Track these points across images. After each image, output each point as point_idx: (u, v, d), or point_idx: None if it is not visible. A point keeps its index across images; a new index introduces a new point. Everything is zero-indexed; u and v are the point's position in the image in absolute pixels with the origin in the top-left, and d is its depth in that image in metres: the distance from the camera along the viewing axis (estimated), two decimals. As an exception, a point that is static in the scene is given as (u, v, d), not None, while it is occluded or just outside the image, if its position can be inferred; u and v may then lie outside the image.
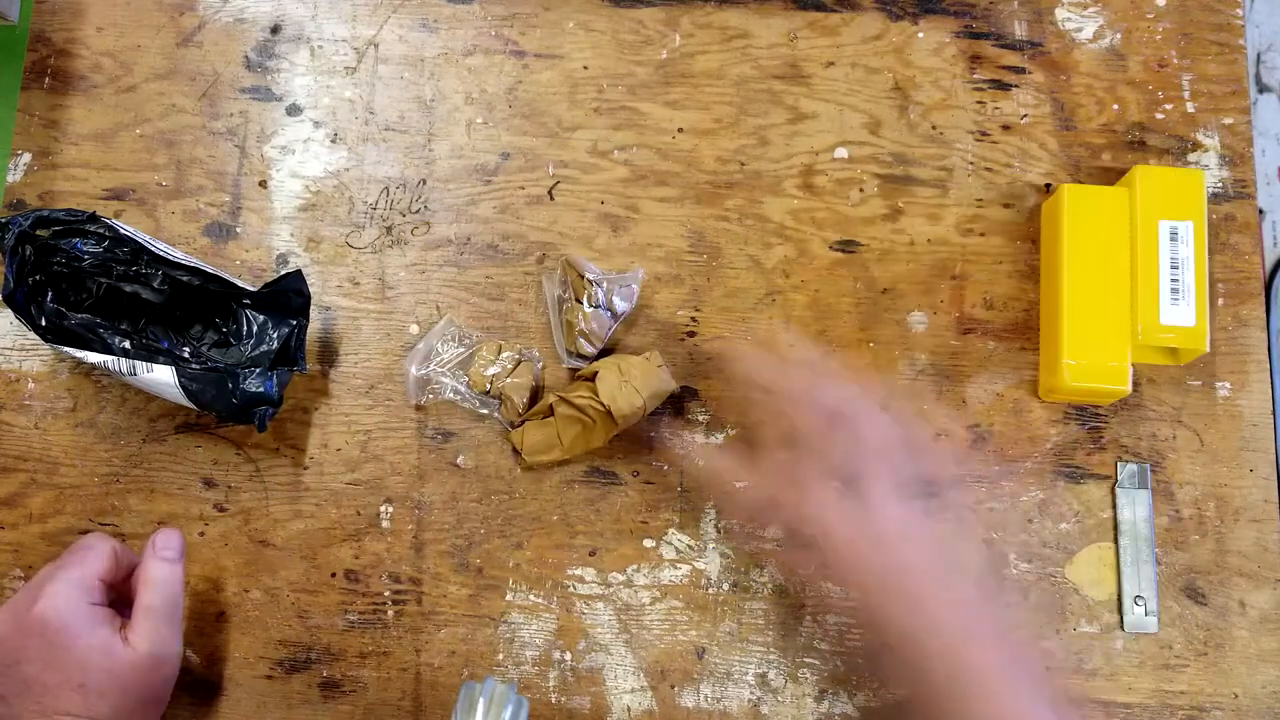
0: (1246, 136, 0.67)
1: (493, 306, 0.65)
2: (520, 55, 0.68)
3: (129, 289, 0.61)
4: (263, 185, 0.67)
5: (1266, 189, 0.72)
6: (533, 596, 0.62)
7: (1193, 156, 0.67)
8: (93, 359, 0.58)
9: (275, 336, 0.62)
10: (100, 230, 0.60)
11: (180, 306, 0.63)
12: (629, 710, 0.61)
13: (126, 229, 0.60)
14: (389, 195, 0.67)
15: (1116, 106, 0.67)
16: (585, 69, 0.68)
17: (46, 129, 0.68)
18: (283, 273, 0.62)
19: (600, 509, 0.63)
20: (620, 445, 0.63)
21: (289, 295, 0.61)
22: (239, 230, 0.66)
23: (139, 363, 0.58)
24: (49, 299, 0.59)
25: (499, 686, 0.49)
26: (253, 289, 0.61)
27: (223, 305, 0.63)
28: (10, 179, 0.67)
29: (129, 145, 0.67)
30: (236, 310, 0.63)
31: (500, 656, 0.61)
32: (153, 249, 0.60)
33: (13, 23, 0.68)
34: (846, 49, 0.68)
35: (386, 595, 0.62)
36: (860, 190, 0.67)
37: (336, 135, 0.68)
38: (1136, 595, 0.61)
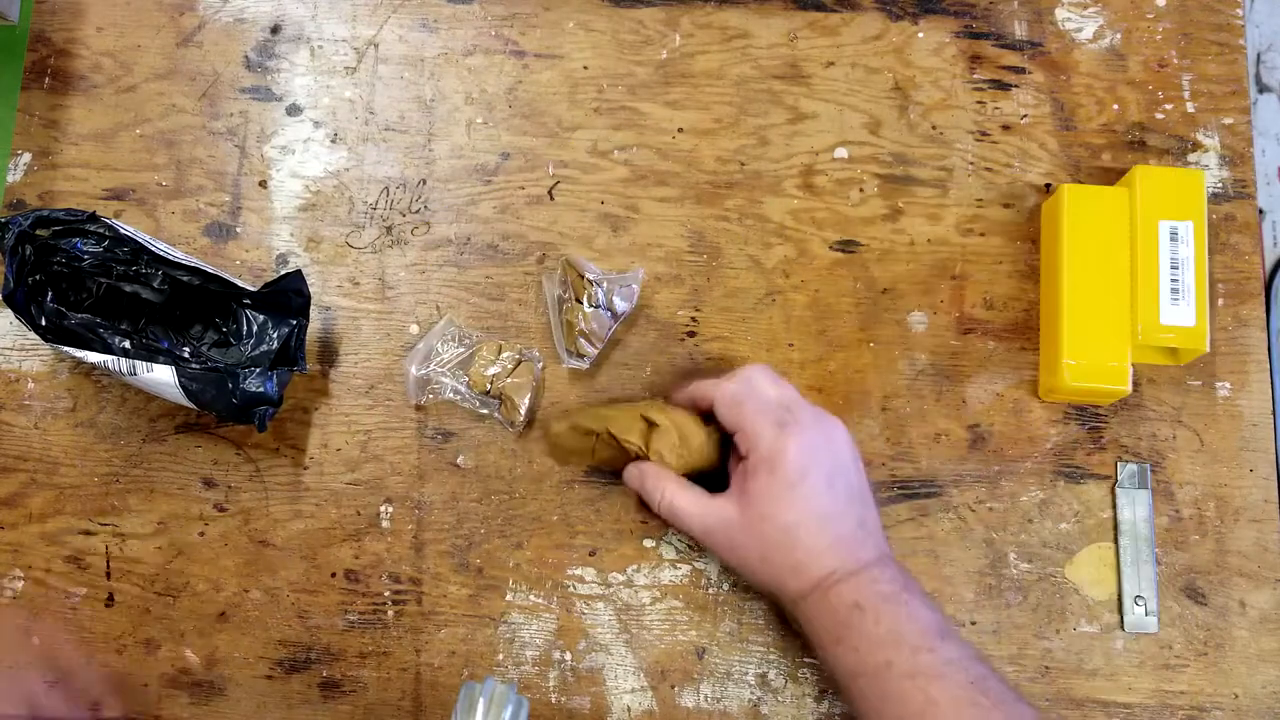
0: (1246, 136, 0.67)
1: (493, 306, 0.65)
2: (520, 55, 0.68)
3: (129, 289, 0.61)
4: (263, 185, 0.67)
5: (1266, 189, 0.72)
6: (533, 596, 0.62)
7: (1193, 156, 0.67)
8: (93, 359, 0.58)
9: (275, 336, 0.62)
10: (100, 230, 0.60)
11: (180, 306, 0.63)
12: (629, 710, 0.61)
13: (126, 229, 0.60)
14: (389, 195, 0.67)
15: (1116, 106, 0.67)
16: (585, 69, 0.68)
17: (46, 129, 0.68)
18: (283, 273, 0.62)
19: (600, 509, 0.63)
20: (620, 445, 0.63)
21: (289, 295, 0.61)
22: (239, 230, 0.66)
23: (139, 363, 0.58)
24: (49, 299, 0.59)
25: (499, 686, 0.49)
26: (253, 289, 0.61)
27: (223, 305, 0.63)
28: (10, 179, 0.67)
29: (129, 145, 0.67)
30: (236, 310, 0.63)
31: (500, 656, 0.61)
32: (153, 249, 0.60)
33: (13, 23, 0.68)
34: (846, 49, 0.68)
35: (386, 595, 0.62)
36: (860, 190, 0.67)
37: (336, 135, 0.68)
38: (1136, 595, 0.61)
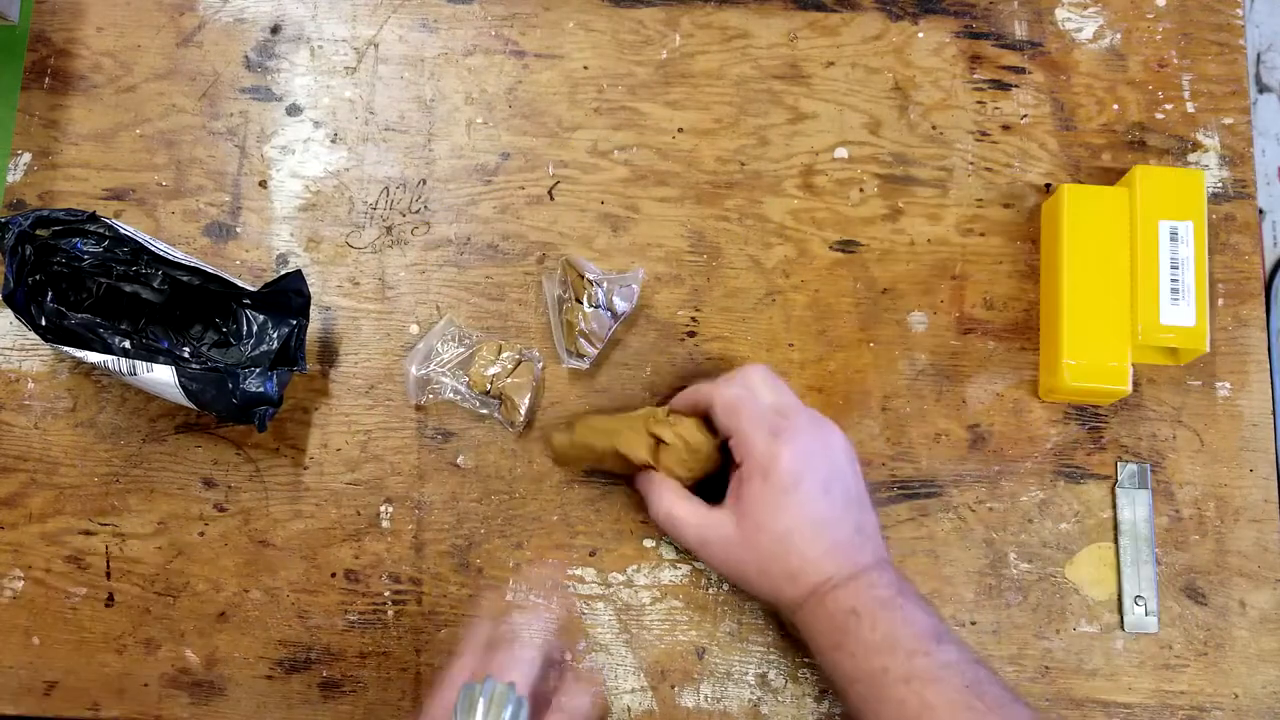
0: (1246, 136, 0.67)
1: (493, 306, 0.65)
2: (520, 55, 0.68)
3: (129, 289, 0.61)
4: (263, 185, 0.67)
5: (1266, 189, 0.72)
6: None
7: (1193, 156, 0.67)
8: (93, 359, 0.58)
9: (275, 336, 0.62)
10: (100, 230, 0.60)
11: (180, 306, 0.63)
12: (629, 710, 0.61)
13: (126, 229, 0.60)
14: (389, 195, 0.67)
15: (1116, 106, 0.67)
16: (585, 69, 0.68)
17: (46, 129, 0.68)
18: (283, 273, 0.62)
19: (600, 509, 0.63)
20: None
21: (289, 295, 0.61)
22: (239, 230, 0.66)
23: (139, 363, 0.58)
24: (49, 299, 0.59)
25: (499, 686, 0.49)
26: (253, 289, 0.61)
27: (223, 305, 0.63)
28: (10, 179, 0.67)
29: (129, 145, 0.67)
30: (236, 310, 0.63)
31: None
32: (153, 249, 0.60)
33: (13, 23, 0.68)
34: (846, 49, 0.68)
35: (386, 595, 0.62)
36: (860, 190, 0.67)
37: (336, 135, 0.68)
38: (1136, 595, 0.61)
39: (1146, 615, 0.61)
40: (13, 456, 0.64)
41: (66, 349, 0.59)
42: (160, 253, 0.60)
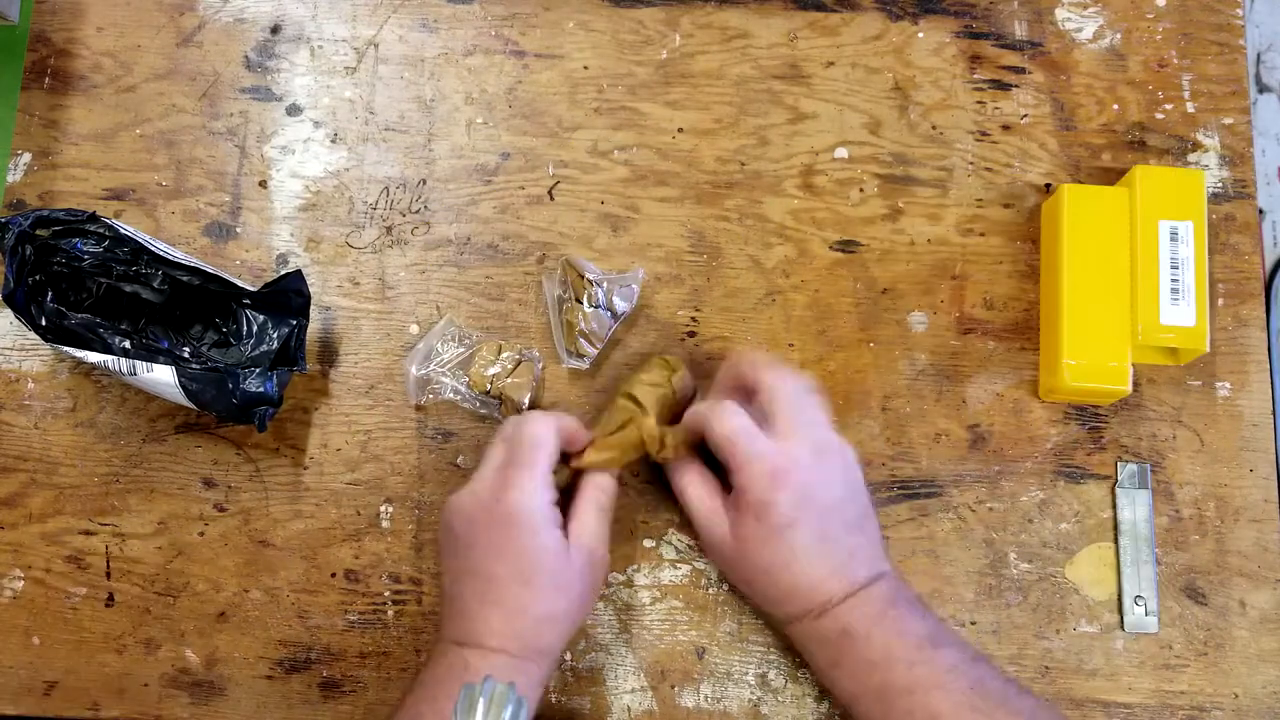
0: (1246, 136, 0.67)
1: (493, 306, 0.65)
2: (520, 55, 0.68)
3: (129, 289, 0.61)
4: (263, 185, 0.67)
5: (1266, 189, 0.72)
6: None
7: (1193, 156, 0.67)
8: (93, 359, 0.58)
9: (275, 336, 0.62)
10: (100, 230, 0.60)
11: (180, 306, 0.63)
12: (629, 710, 0.61)
13: (126, 229, 0.60)
14: (389, 195, 0.67)
15: (1116, 106, 0.67)
16: (585, 69, 0.68)
17: (46, 129, 0.68)
18: (283, 273, 0.62)
19: (600, 509, 0.63)
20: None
21: (289, 295, 0.61)
22: (239, 230, 0.66)
23: (139, 363, 0.58)
24: (49, 299, 0.59)
25: (499, 686, 0.49)
26: (253, 289, 0.61)
27: (223, 305, 0.63)
28: (10, 179, 0.67)
29: (129, 145, 0.67)
30: (236, 310, 0.63)
31: (500, 656, 0.61)
32: (153, 249, 0.60)
33: (13, 23, 0.68)
34: (846, 49, 0.68)
35: (386, 595, 0.62)
36: (860, 190, 0.67)
37: (336, 135, 0.68)
38: (1136, 595, 0.61)
39: (1146, 615, 0.61)
40: (13, 456, 0.64)
41: (66, 349, 0.59)
42: (160, 253, 0.60)
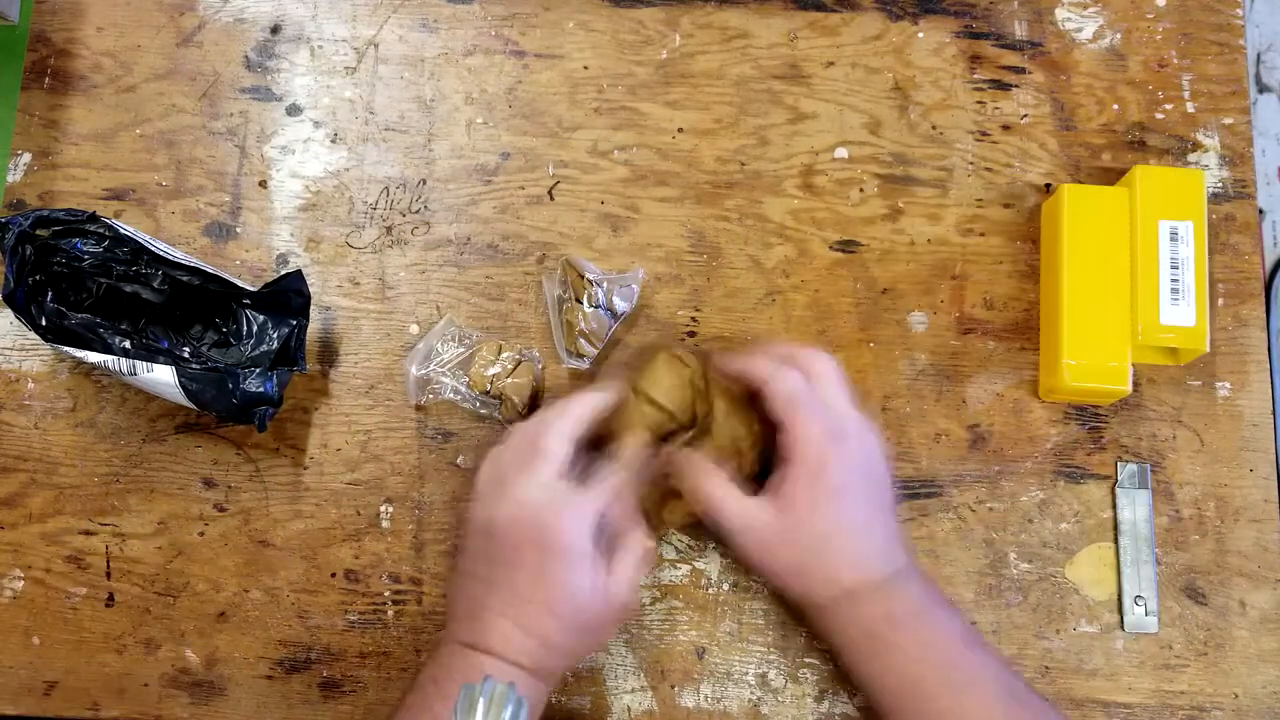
0: (1246, 136, 0.67)
1: (493, 306, 0.65)
2: (520, 55, 0.68)
3: (129, 289, 0.61)
4: (263, 185, 0.67)
5: (1266, 189, 0.72)
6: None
7: (1193, 156, 0.67)
8: (93, 359, 0.58)
9: (275, 336, 0.62)
10: (100, 230, 0.60)
11: (180, 306, 0.63)
12: (629, 710, 0.61)
13: (126, 229, 0.60)
14: (389, 195, 0.67)
15: (1116, 106, 0.67)
16: (585, 69, 0.68)
17: (46, 129, 0.68)
18: (283, 273, 0.62)
19: (600, 509, 0.63)
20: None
21: (289, 295, 0.61)
22: (239, 230, 0.66)
23: (139, 363, 0.58)
24: (49, 299, 0.59)
25: (499, 686, 0.48)
26: (253, 289, 0.61)
27: (223, 305, 0.63)
28: (10, 179, 0.67)
29: (129, 145, 0.67)
30: (236, 310, 0.63)
31: (500, 656, 0.61)
32: (153, 249, 0.60)
33: (13, 23, 0.68)
34: (846, 49, 0.68)
35: (386, 595, 0.62)
36: (860, 190, 0.67)
37: (336, 135, 0.68)
38: (1136, 595, 0.61)
39: (1146, 615, 0.61)
40: (13, 456, 0.64)
41: (66, 349, 0.59)
42: (160, 253, 0.60)
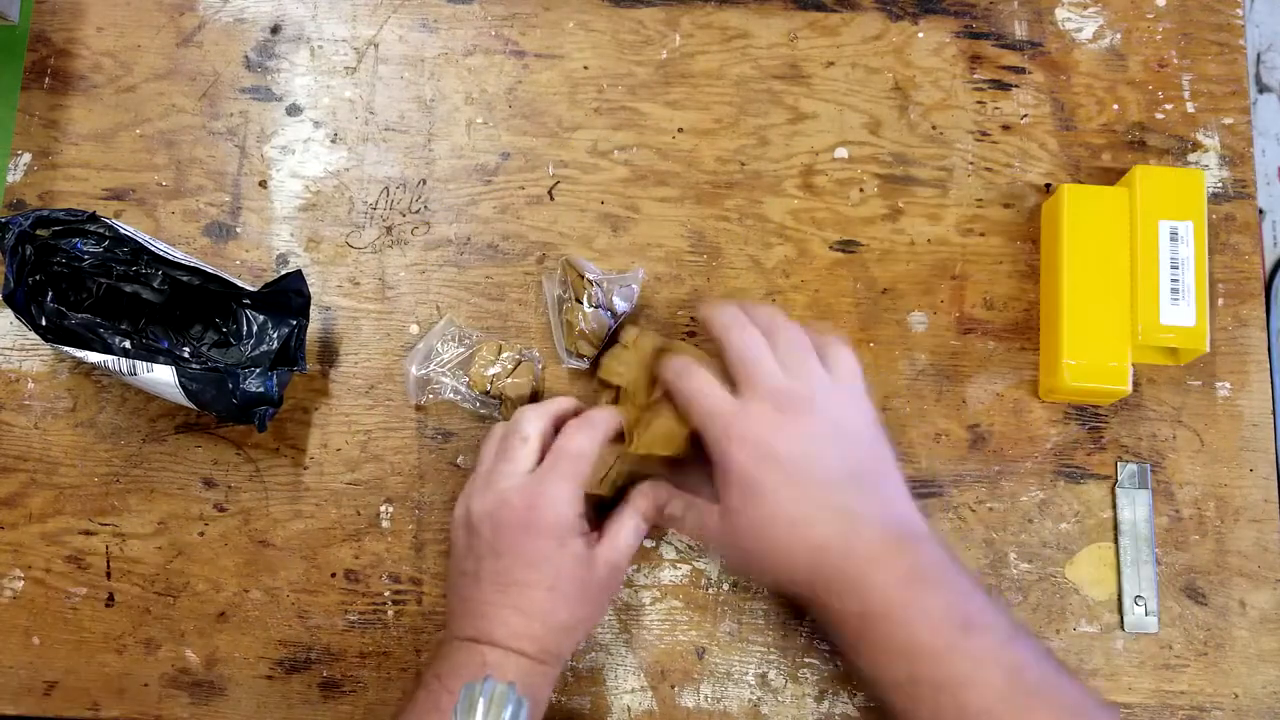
0: (1246, 136, 0.67)
1: (493, 306, 0.65)
2: (520, 55, 0.68)
3: (129, 289, 0.61)
4: (263, 185, 0.67)
5: (1266, 189, 0.72)
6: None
7: (1193, 156, 0.67)
8: (93, 359, 0.58)
9: (275, 336, 0.62)
10: (100, 230, 0.60)
11: (180, 306, 0.63)
12: (629, 710, 0.61)
13: (126, 229, 0.60)
14: (389, 195, 0.67)
15: (1116, 106, 0.67)
16: (585, 69, 0.68)
17: (46, 129, 0.68)
18: (283, 273, 0.62)
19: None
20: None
21: (289, 295, 0.61)
22: (239, 230, 0.66)
23: (139, 363, 0.58)
24: (49, 299, 0.59)
25: (499, 686, 0.49)
26: (253, 289, 0.61)
27: (223, 305, 0.63)
28: (10, 179, 0.67)
29: (129, 145, 0.67)
30: (236, 310, 0.63)
31: (500, 656, 0.61)
32: (153, 249, 0.60)
33: (13, 23, 0.68)
34: (846, 49, 0.68)
35: (386, 595, 0.62)
36: (860, 190, 0.67)
37: (336, 135, 0.68)
38: (1136, 595, 0.61)
39: (1146, 615, 0.61)
40: (13, 456, 0.64)
41: (66, 349, 0.59)
42: (160, 253, 0.60)
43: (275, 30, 0.69)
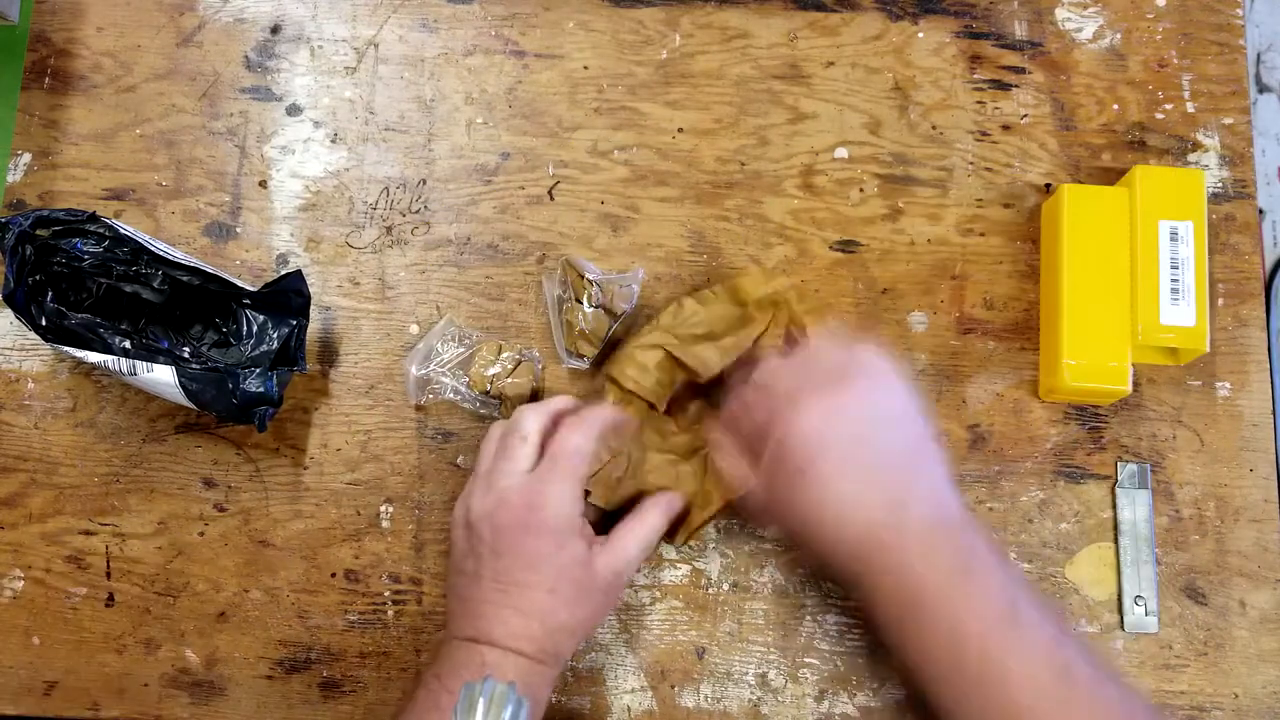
0: (1246, 136, 0.67)
1: (493, 306, 0.65)
2: (520, 55, 0.69)
3: (129, 289, 0.61)
4: (263, 185, 0.67)
5: (1266, 189, 0.72)
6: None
7: (1193, 156, 0.67)
8: (93, 359, 0.58)
9: (275, 336, 0.62)
10: (100, 230, 0.60)
11: (180, 306, 0.63)
12: (629, 710, 0.61)
13: (126, 229, 0.60)
14: (389, 195, 0.67)
15: (1116, 106, 0.67)
16: (585, 69, 0.68)
17: (46, 129, 0.68)
18: (283, 273, 0.62)
19: (600, 509, 0.63)
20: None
21: (289, 295, 0.61)
22: (239, 230, 0.66)
23: (139, 363, 0.58)
24: (49, 299, 0.59)
25: (499, 686, 0.49)
26: (253, 289, 0.61)
27: (223, 305, 0.63)
28: (10, 179, 0.67)
29: (129, 145, 0.67)
30: (236, 310, 0.63)
31: (500, 656, 0.61)
32: (153, 249, 0.60)
33: (13, 23, 0.68)
34: (846, 49, 0.68)
35: (386, 595, 0.62)
36: (860, 190, 0.67)
37: (336, 135, 0.68)
38: (1136, 595, 0.61)
39: (1146, 615, 0.61)
40: (13, 456, 0.64)
41: (66, 349, 0.59)
42: (160, 253, 0.60)
43: (275, 30, 0.69)
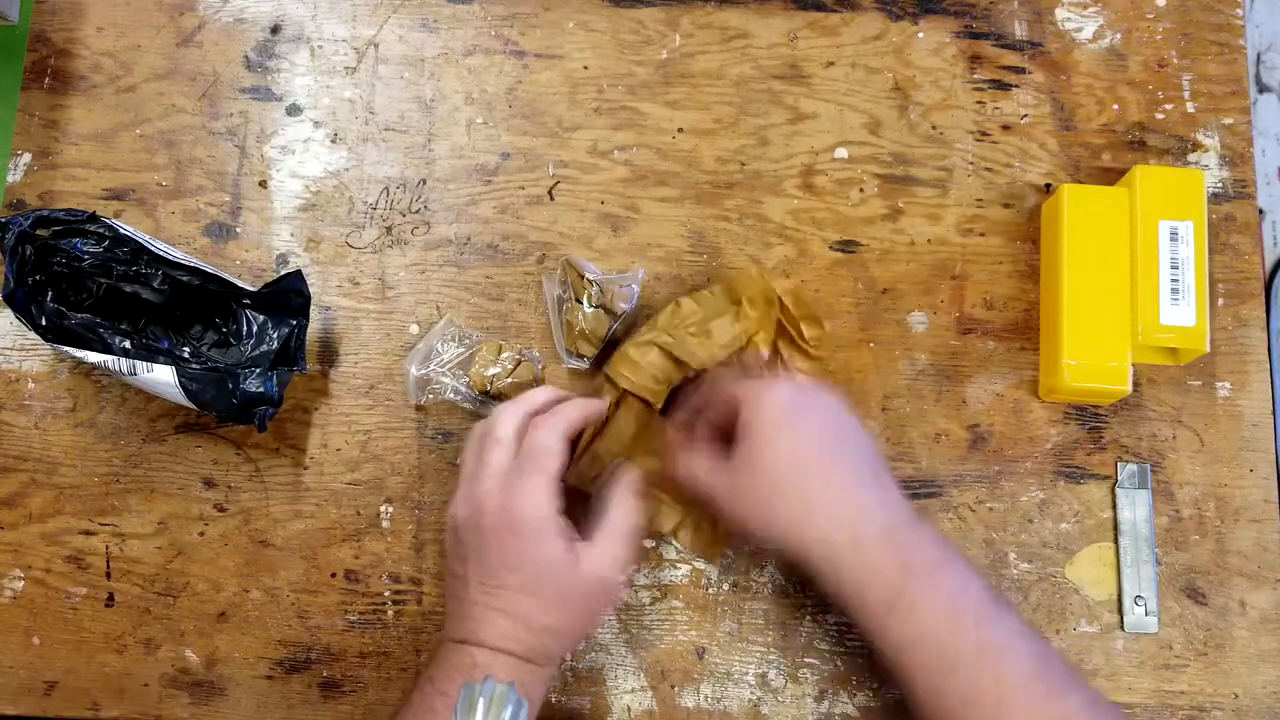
0: (1246, 136, 0.67)
1: (493, 306, 0.65)
2: (520, 55, 0.69)
3: (129, 289, 0.61)
4: (263, 185, 0.67)
5: (1266, 189, 0.72)
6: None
7: (1193, 156, 0.67)
8: (93, 359, 0.58)
9: (275, 336, 0.62)
10: (100, 230, 0.60)
11: (180, 306, 0.63)
12: (629, 710, 0.61)
13: (126, 229, 0.60)
14: (389, 195, 0.67)
15: (1116, 106, 0.67)
16: (585, 69, 0.68)
17: (46, 129, 0.68)
18: (283, 273, 0.62)
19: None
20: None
21: (289, 295, 0.61)
22: (239, 230, 0.66)
23: (139, 363, 0.58)
24: (49, 299, 0.59)
25: (499, 686, 0.48)
26: (253, 289, 0.61)
27: (223, 305, 0.63)
28: (10, 179, 0.67)
29: (129, 145, 0.67)
30: (236, 310, 0.63)
31: (500, 656, 0.61)
32: (153, 249, 0.60)
33: (13, 23, 0.68)
34: (846, 49, 0.68)
35: (386, 595, 0.62)
36: (860, 190, 0.67)
37: (336, 135, 0.68)
38: (1136, 595, 0.61)
39: (1146, 615, 0.61)
40: (13, 456, 0.64)
41: (66, 349, 0.59)
42: (160, 253, 0.60)
43: (275, 30, 0.69)
